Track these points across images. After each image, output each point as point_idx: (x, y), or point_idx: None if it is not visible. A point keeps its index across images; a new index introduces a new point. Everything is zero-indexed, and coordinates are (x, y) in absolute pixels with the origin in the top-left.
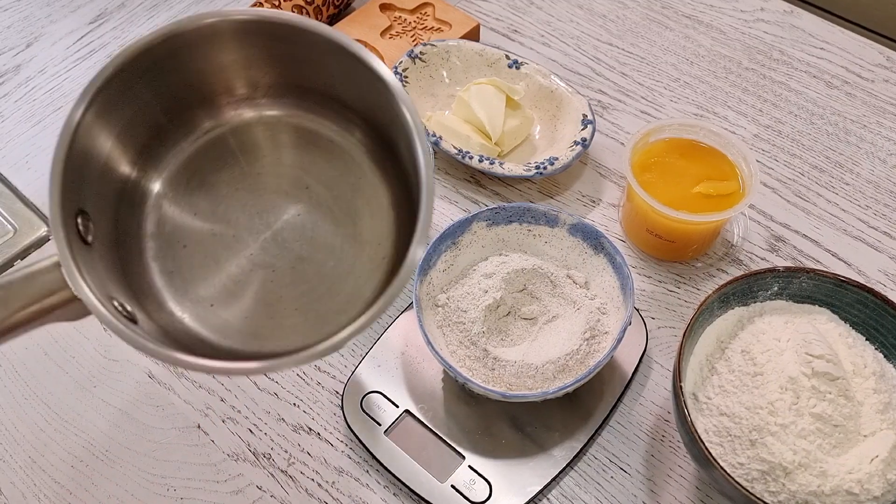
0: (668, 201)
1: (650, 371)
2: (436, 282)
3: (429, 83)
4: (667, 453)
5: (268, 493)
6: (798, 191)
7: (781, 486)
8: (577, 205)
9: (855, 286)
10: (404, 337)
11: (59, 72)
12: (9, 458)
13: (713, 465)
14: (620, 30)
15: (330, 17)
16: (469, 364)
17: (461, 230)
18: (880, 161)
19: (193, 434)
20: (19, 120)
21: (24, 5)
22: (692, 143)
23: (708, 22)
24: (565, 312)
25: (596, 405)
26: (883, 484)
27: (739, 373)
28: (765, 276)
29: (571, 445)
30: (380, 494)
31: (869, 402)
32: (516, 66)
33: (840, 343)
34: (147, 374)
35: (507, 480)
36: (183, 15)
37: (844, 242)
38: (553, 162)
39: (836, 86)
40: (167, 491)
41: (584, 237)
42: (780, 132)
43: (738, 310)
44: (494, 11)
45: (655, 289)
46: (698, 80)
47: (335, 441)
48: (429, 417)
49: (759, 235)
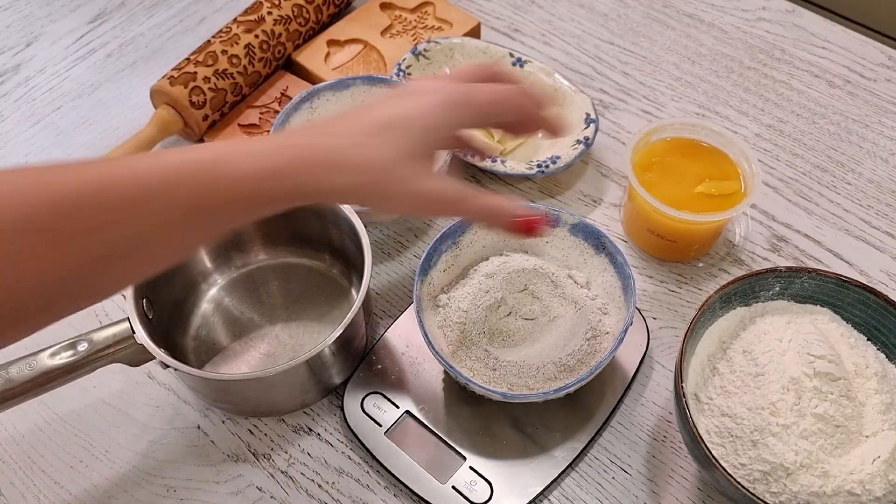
0: (669, 201)
1: (651, 371)
2: (436, 282)
3: None
4: (668, 454)
5: (268, 494)
6: (800, 190)
7: (783, 487)
8: (578, 204)
9: (857, 286)
10: (405, 337)
11: (58, 71)
12: (9, 459)
13: (715, 465)
14: (622, 29)
15: (330, 17)
16: (470, 364)
17: (462, 230)
18: (882, 161)
19: (193, 434)
20: (19, 120)
21: (24, 5)
22: (694, 142)
23: (710, 21)
24: (566, 312)
25: (597, 406)
26: (885, 484)
27: (741, 373)
28: (766, 276)
29: (573, 446)
30: (380, 495)
31: (871, 402)
32: (520, 63)
33: (842, 343)
34: (147, 375)
35: (508, 481)
36: (183, 15)
37: (846, 242)
38: (555, 160)
39: (838, 85)
40: (167, 491)
41: (585, 237)
42: (782, 132)
43: (740, 310)
44: (495, 10)
45: (657, 289)
46: (700, 80)
47: (335, 442)
48: (429, 418)
49: (761, 235)
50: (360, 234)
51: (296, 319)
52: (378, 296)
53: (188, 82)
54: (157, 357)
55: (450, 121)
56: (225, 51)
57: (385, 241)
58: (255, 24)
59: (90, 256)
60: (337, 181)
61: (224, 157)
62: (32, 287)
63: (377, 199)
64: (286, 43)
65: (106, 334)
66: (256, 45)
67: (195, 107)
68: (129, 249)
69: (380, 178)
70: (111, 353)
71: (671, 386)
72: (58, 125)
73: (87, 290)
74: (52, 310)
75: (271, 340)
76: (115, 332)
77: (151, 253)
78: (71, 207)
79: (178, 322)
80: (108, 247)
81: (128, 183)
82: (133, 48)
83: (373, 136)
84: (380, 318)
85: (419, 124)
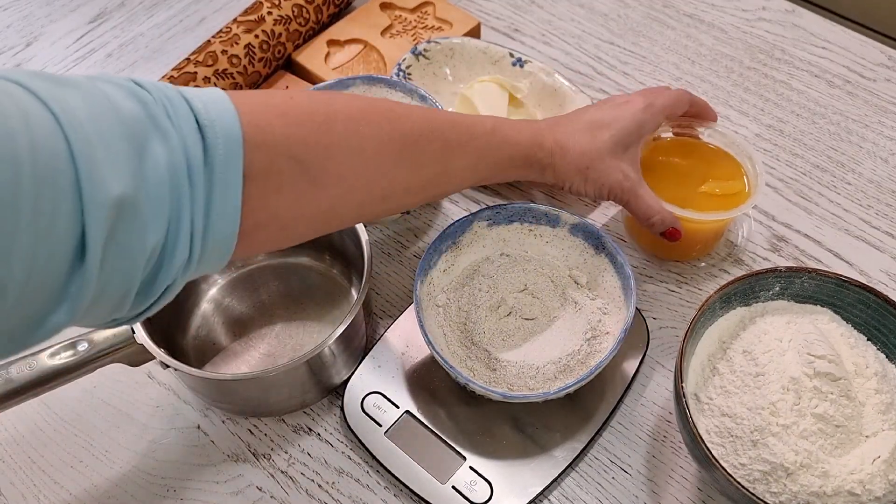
0: (673, 200)
1: (651, 371)
2: (436, 282)
3: (432, 80)
4: (668, 454)
5: (268, 494)
6: (800, 190)
7: (783, 487)
8: (578, 205)
9: (857, 286)
10: (405, 337)
11: (58, 71)
12: (9, 459)
13: (715, 465)
14: (622, 29)
15: (331, 17)
16: (470, 364)
17: (462, 230)
18: (882, 161)
19: (193, 434)
20: None
21: (24, 5)
22: (697, 142)
23: (710, 21)
24: (566, 313)
25: (597, 406)
26: (885, 484)
27: (741, 373)
28: (766, 276)
29: (572, 446)
30: (380, 495)
31: (871, 402)
32: (520, 63)
33: (842, 343)
34: (147, 375)
35: (508, 481)
36: (183, 15)
37: (846, 242)
38: None
39: (838, 85)
40: (167, 491)
41: (585, 237)
42: (782, 132)
43: (740, 310)
44: (495, 10)
45: (657, 289)
46: (700, 80)
47: (335, 442)
48: (429, 418)
49: (761, 235)
50: (360, 234)
51: (296, 319)
52: (378, 296)
53: (188, 82)
54: (157, 357)
55: (642, 123)
56: (225, 51)
57: (385, 241)
58: (255, 24)
59: (426, 178)
60: (558, 162)
61: (499, 125)
62: (378, 195)
63: (583, 179)
64: (286, 43)
65: (106, 334)
66: (256, 45)
67: None
68: (457, 174)
69: (587, 163)
70: (111, 353)
71: (671, 386)
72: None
73: (420, 198)
74: (391, 209)
75: (271, 340)
76: (115, 332)
77: (466, 179)
78: (422, 139)
79: (178, 322)
80: (441, 168)
81: (463, 129)
82: (133, 48)
83: (586, 132)
84: (380, 318)
85: (619, 125)
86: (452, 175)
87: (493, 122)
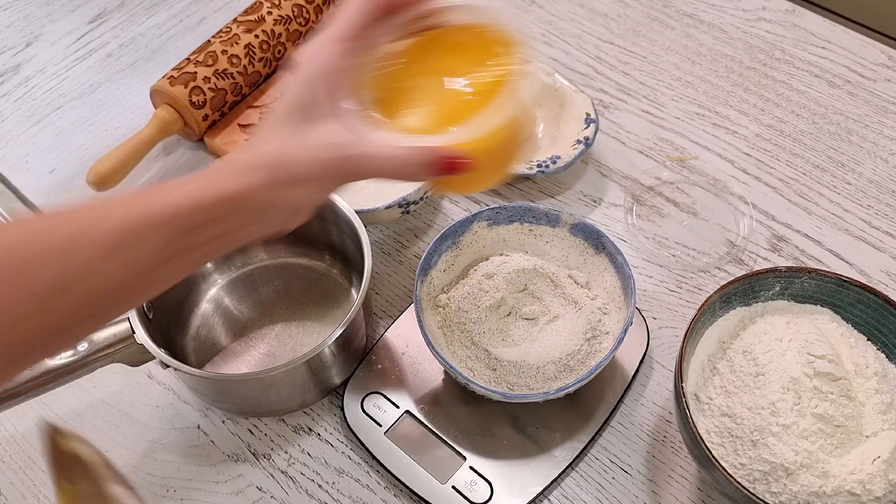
0: (427, 128)
1: (652, 371)
2: (436, 282)
3: None
4: (668, 454)
5: (268, 494)
6: (800, 190)
7: (783, 487)
8: (578, 204)
9: (857, 286)
10: (405, 337)
11: (58, 71)
12: (9, 459)
13: (715, 465)
14: (622, 29)
15: None
16: (470, 364)
17: (462, 230)
18: (882, 161)
19: (193, 434)
20: (19, 119)
21: (24, 5)
22: (438, 34)
23: (709, 21)
24: (566, 312)
25: (597, 406)
26: (885, 484)
27: (741, 373)
28: (766, 276)
29: (573, 446)
30: (380, 495)
31: (871, 402)
32: None
33: (842, 343)
34: (147, 375)
35: (508, 481)
36: (183, 15)
37: (846, 242)
38: (556, 160)
39: (838, 85)
40: (167, 491)
41: (585, 237)
42: (782, 132)
43: (740, 310)
44: None
45: (657, 289)
46: (700, 80)
47: (335, 442)
48: (429, 418)
49: (761, 235)
50: (360, 234)
51: (296, 319)
52: (378, 296)
53: (188, 82)
54: (157, 357)
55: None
56: (225, 51)
57: (385, 241)
58: (255, 24)
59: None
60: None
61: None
62: (91, 297)
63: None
64: (286, 43)
65: (106, 334)
66: (256, 45)
67: (195, 107)
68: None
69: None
70: (111, 353)
71: (671, 386)
72: (58, 125)
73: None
74: (107, 315)
75: (271, 340)
76: (115, 332)
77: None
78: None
79: (178, 322)
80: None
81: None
82: (133, 48)
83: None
84: (380, 318)
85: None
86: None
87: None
